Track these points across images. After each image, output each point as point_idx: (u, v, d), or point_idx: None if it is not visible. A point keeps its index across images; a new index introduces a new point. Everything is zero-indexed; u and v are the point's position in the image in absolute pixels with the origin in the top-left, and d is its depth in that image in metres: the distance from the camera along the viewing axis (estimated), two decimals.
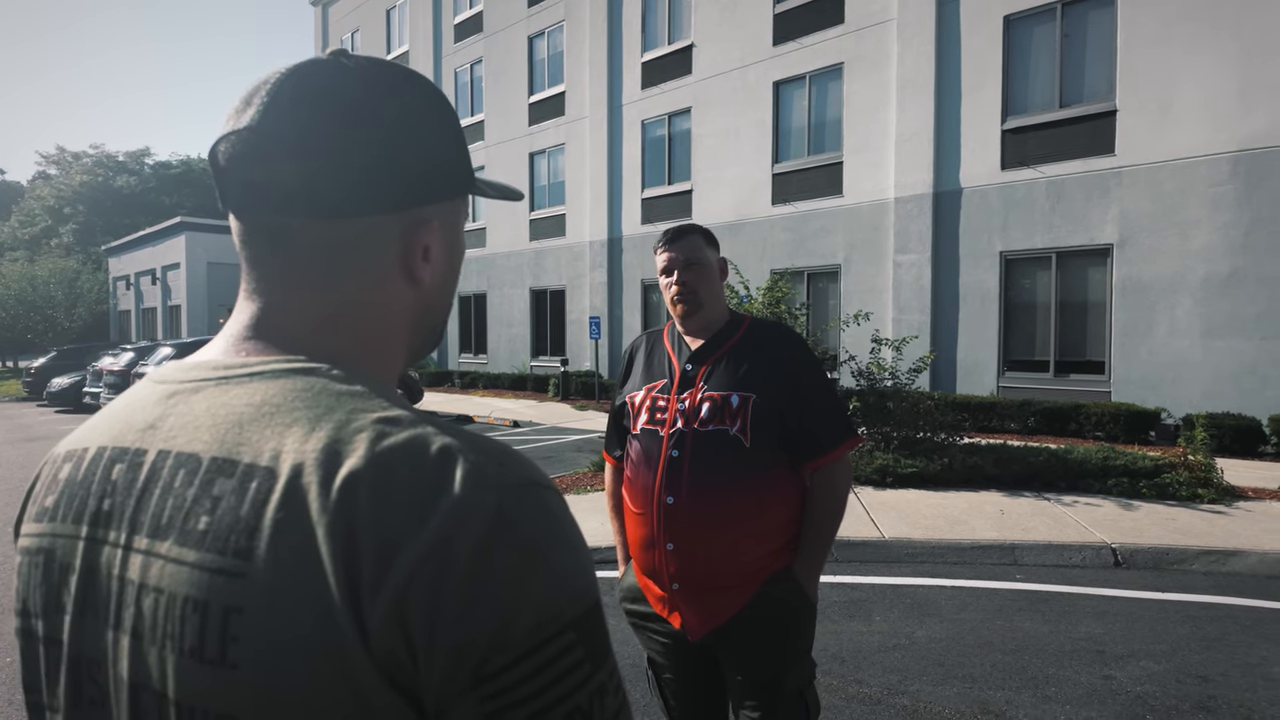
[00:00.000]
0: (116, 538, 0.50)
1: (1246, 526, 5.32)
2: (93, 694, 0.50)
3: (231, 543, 0.45)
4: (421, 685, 0.43)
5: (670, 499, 1.70)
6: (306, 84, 0.55)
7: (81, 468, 0.55)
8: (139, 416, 0.54)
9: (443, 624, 0.42)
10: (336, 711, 0.43)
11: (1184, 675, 3.36)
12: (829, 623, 3.96)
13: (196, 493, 0.48)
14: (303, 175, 0.54)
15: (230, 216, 0.58)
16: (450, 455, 0.46)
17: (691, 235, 1.85)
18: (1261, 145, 8.80)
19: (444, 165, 0.60)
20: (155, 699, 0.46)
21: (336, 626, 0.42)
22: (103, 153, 46.44)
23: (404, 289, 0.59)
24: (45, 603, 0.53)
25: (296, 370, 0.52)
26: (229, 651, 0.44)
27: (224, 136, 0.55)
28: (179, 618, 0.45)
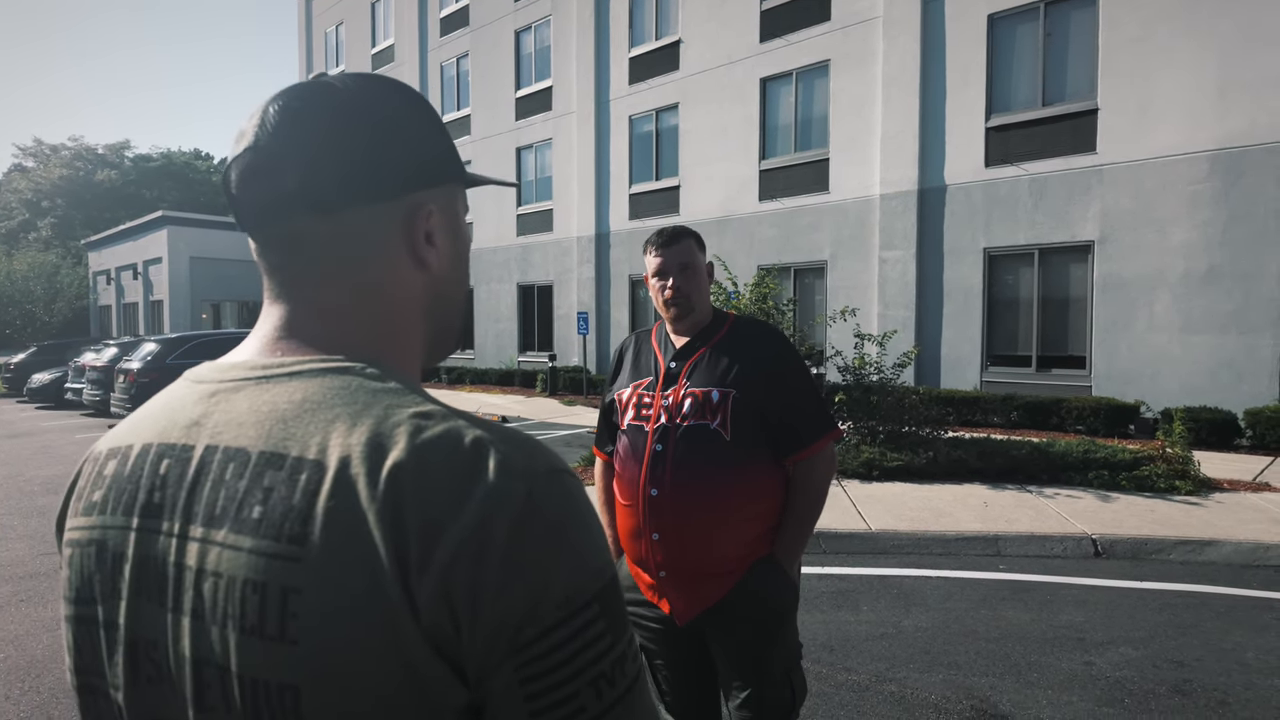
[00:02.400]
0: (169, 528, 0.54)
1: (1222, 517, 5.46)
2: (149, 672, 0.54)
3: (286, 529, 0.49)
4: (465, 655, 0.48)
5: (654, 491, 1.76)
6: (294, 100, 0.60)
7: (128, 464, 0.58)
8: (182, 415, 0.58)
9: (484, 600, 0.47)
10: (389, 680, 0.47)
11: (1161, 661, 3.46)
12: (818, 612, 4.04)
13: (248, 484, 0.52)
14: (300, 177, 0.58)
15: (248, 236, 0.63)
16: (483, 446, 0.51)
17: (684, 239, 1.90)
18: (1238, 144, 8.97)
19: (432, 156, 0.64)
20: (218, 673, 0.50)
21: (389, 602, 0.47)
22: (82, 145, 45.74)
23: (413, 274, 0.63)
24: (100, 590, 0.57)
25: (332, 369, 0.56)
26: (288, 627, 0.48)
27: (231, 163, 0.61)
28: (239, 599, 0.49)
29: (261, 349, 0.60)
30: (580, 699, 0.48)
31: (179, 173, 46.23)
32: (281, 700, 0.48)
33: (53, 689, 3.35)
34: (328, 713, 0.48)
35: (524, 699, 0.47)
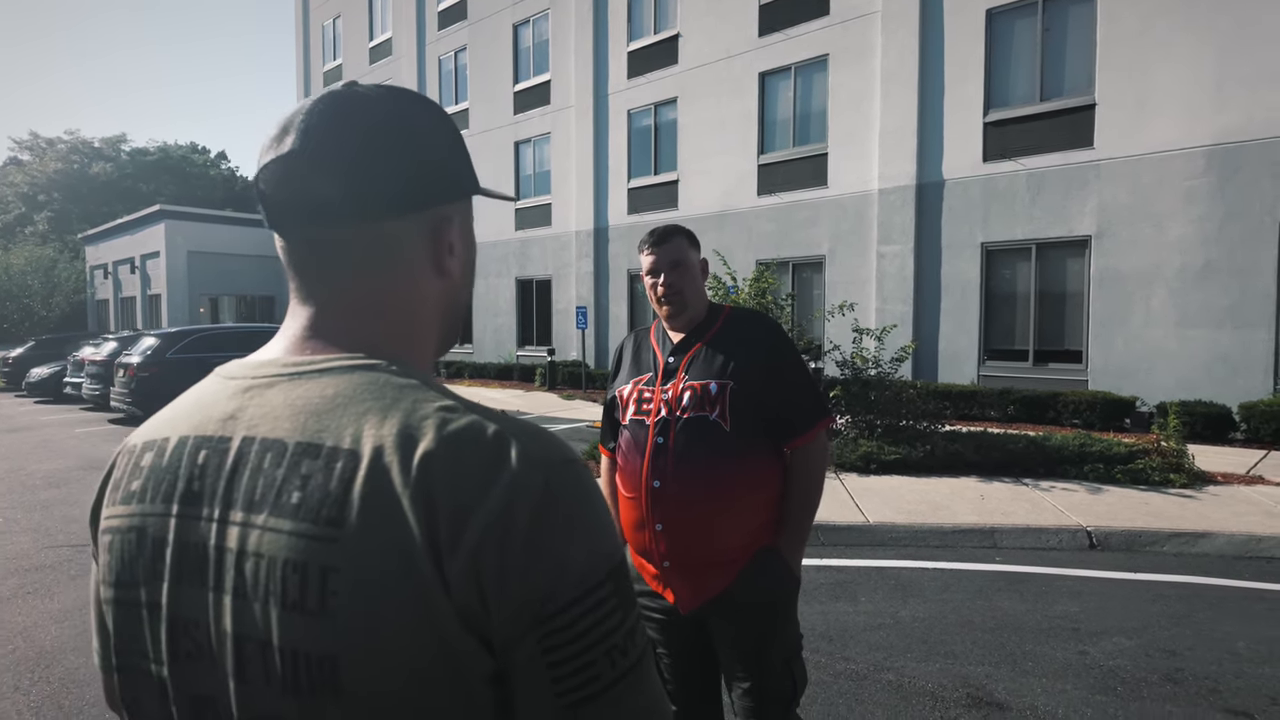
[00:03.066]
0: (209, 513, 0.58)
1: (1215, 510, 5.52)
2: (189, 648, 0.58)
3: (324, 513, 0.53)
4: (492, 628, 0.52)
5: (657, 483, 1.80)
6: (332, 111, 0.64)
7: (165, 455, 0.62)
8: (216, 409, 0.62)
9: (509, 580, 0.51)
10: (423, 651, 0.52)
11: (1153, 650, 3.52)
12: (816, 604, 4.09)
13: (286, 472, 0.56)
14: (340, 187, 0.62)
15: (275, 235, 0.67)
16: (504, 438, 0.56)
17: (675, 238, 1.94)
18: (1235, 139, 9.02)
19: (454, 170, 0.69)
20: (259, 647, 0.54)
21: (423, 579, 0.51)
22: (78, 139, 45.54)
23: (434, 281, 0.68)
24: (142, 573, 0.60)
25: (359, 366, 0.60)
26: (328, 603, 0.52)
27: (266, 164, 0.64)
28: (280, 577, 0.53)
29: (291, 347, 0.64)
30: (596, 667, 0.52)
31: (176, 167, 46.07)
32: (321, 670, 0.52)
33: (62, 679, 3.39)
34: (365, 681, 0.51)
35: (547, 667, 0.52)
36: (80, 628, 3.97)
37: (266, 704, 0.54)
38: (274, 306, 27.57)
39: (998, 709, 3.01)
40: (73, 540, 5.62)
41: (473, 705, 0.53)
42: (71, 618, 4.10)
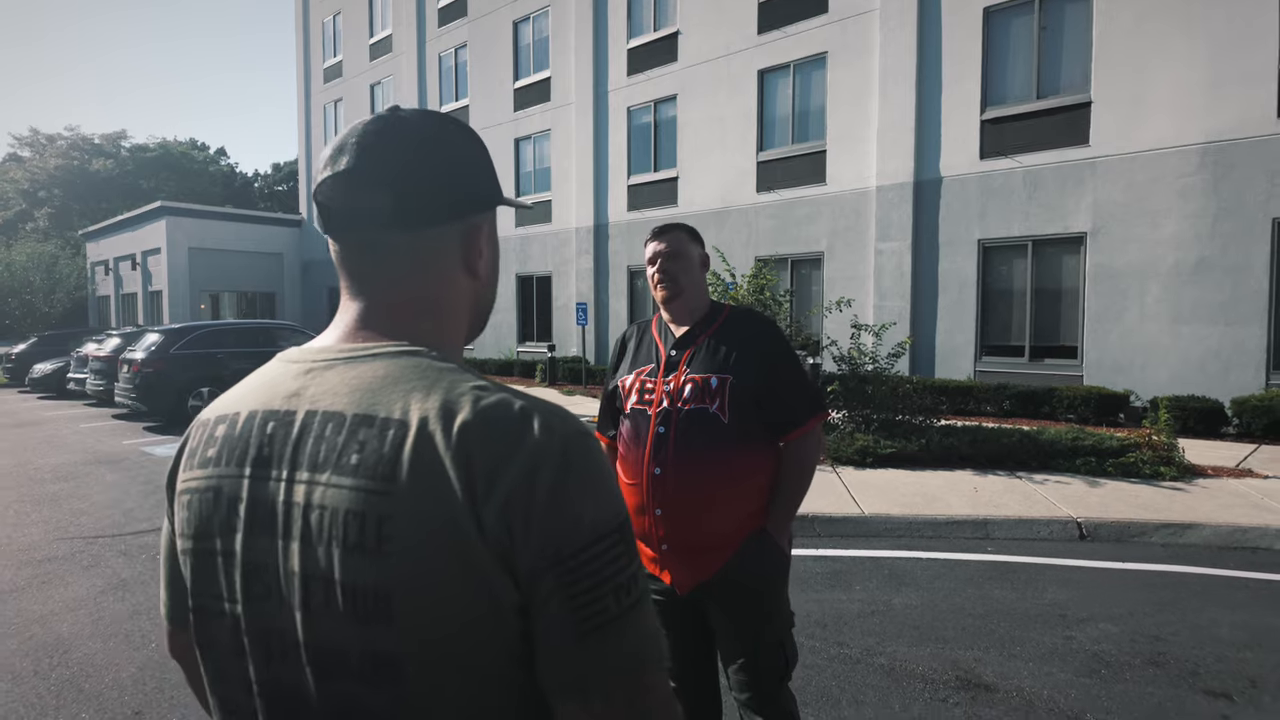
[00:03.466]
0: (278, 474, 0.68)
1: (1203, 502, 5.63)
2: (259, 590, 0.68)
3: (379, 471, 0.64)
4: (518, 566, 0.62)
5: (658, 470, 1.91)
6: (382, 133, 0.75)
7: (237, 426, 0.73)
8: (281, 387, 0.73)
9: (533, 526, 0.62)
10: (462, 585, 0.62)
11: (1138, 635, 3.64)
12: (812, 592, 4.21)
13: (345, 439, 0.66)
14: (388, 199, 0.73)
15: (329, 240, 0.78)
16: (529, 412, 0.66)
17: (676, 231, 2.06)
18: (1228, 137, 9.11)
19: (484, 183, 0.80)
20: (323, 583, 0.64)
21: (462, 524, 0.62)
22: (78, 135, 45.55)
23: (466, 281, 0.80)
24: (218, 526, 0.71)
25: (405, 352, 0.72)
26: (383, 545, 0.62)
27: (324, 180, 0.75)
28: (342, 524, 0.63)
29: (344, 336, 0.75)
30: (605, 601, 0.63)
31: (176, 163, 46.10)
32: (377, 600, 0.62)
33: (81, 664, 3.50)
34: (413, 609, 0.62)
35: (564, 599, 0.62)
36: (96, 616, 4.08)
37: (329, 630, 0.64)
38: (274, 303, 27.63)
39: (985, 690, 3.12)
40: (84, 533, 5.73)
41: (502, 630, 0.63)
42: (87, 606, 4.21)
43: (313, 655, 0.65)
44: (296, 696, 0.67)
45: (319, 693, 0.66)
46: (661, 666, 0.67)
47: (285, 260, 27.63)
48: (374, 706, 0.64)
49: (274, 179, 50.95)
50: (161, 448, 9.60)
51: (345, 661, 0.64)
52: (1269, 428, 8.21)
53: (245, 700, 0.71)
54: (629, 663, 0.64)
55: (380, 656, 0.63)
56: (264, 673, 0.69)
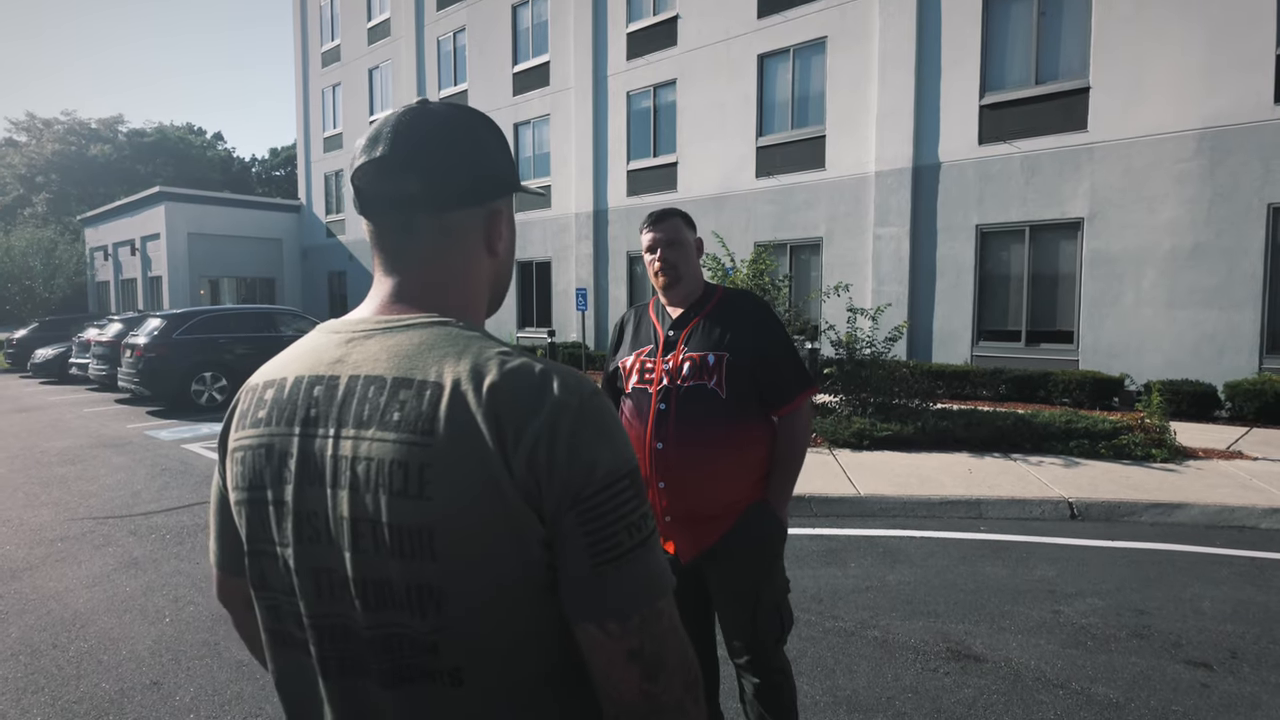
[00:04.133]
0: (325, 432, 0.77)
1: (1193, 482, 5.74)
2: (310, 534, 0.77)
3: (419, 426, 0.72)
4: (543, 503, 0.71)
5: (660, 445, 2.00)
6: (413, 124, 0.83)
7: (285, 390, 0.81)
8: (325, 355, 0.81)
9: (555, 470, 0.71)
10: (495, 523, 0.71)
11: (1124, 609, 3.75)
12: (808, 568, 4.32)
13: (387, 399, 0.75)
14: (421, 184, 0.82)
15: (364, 220, 0.86)
16: (548, 373, 0.75)
17: (673, 218, 2.14)
18: (1225, 123, 9.15)
19: (505, 170, 0.88)
20: (370, 525, 0.73)
21: (494, 470, 0.70)
22: (75, 120, 45.35)
23: (487, 260, 0.89)
24: (270, 478, 0.79)
25: (437, 323, 0.80)
26: (425, 489, 0.70)
27: (362, 165, 0.83)
28: (388, 473, 0.72)
29: (380, 308, 0.84)
30: (619, 536, 0.72)
31: (174, 148, 45.93)
32: (420, 538, 0.71)
33: (99, 637, 3.61)
34: (453, 544, 0.71)
35: (583, 535, 0.71)
36: (110, 593, 4.18)
37: (376, 567, 0.73)
38: (274, 288, 27.65)
39: (975, 661, 3.23)
40: (94, 513, 5.83)
41: (530, 562, 0.73)
42: (101, 584, 4.32)
43: (360, 589, 0.74)
44: (346, 627, 0.76)
45: (367, 622, 0.74)
46: (669, 594, 0.75)
47: (284, 246, 27.62)
48: (417, 633, 0.73)
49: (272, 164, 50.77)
50: (165, 432, 9.70)
51: (391, 593, 0.72)
52: (1261, 411, 8.32)
53: (297, 633, 0.80)
54: (639, 590, 0.72)
55: (423, 588, 0.71)
56: (315, 607, 0.77)
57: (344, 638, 0.76)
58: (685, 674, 0.75)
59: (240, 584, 0.91)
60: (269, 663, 0.86)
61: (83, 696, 3.06)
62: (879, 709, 2.86)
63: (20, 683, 3.19)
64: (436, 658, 0.73)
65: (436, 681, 0.73)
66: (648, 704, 0.73)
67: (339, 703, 0.78)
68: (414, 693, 0.74)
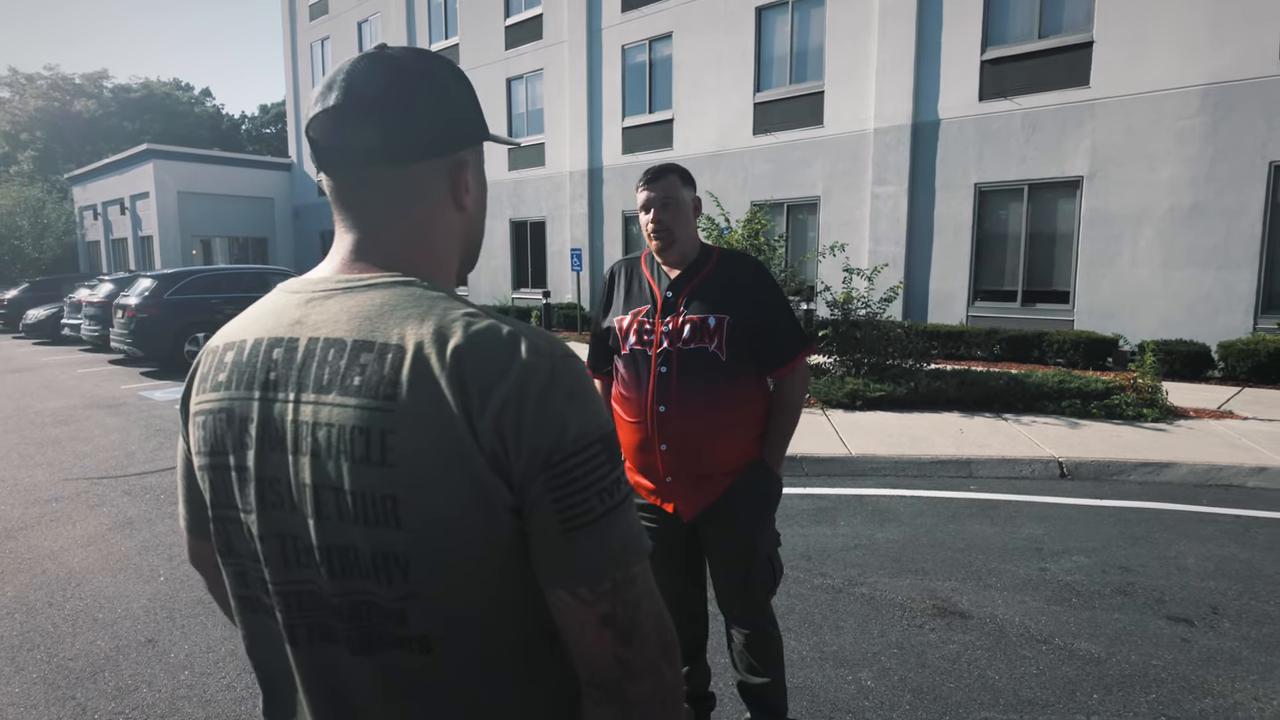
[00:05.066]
0: (285, 396, 0.74)
1: (1182, 442, 5.78)
2: (273, 499, 0.74)
3: (380, 390, 0.69)
4: (511, 470, 0.69)
5: (662, 408, 1.99)
6: (370, 70, 0.77)
7: (245, 353, 0.78)
8: (285, 316, 0.78)
9: (523, 435, 0.68)
10: (460, 490, 0.68)
11: (1109, 566, 3.79)
12: (798, 527, 4.35)
13: (347, 363, 0.71)
14: (378, 135, 0.76)
15: (323, 175, 0.82)
16: (516, 335, 0.72)
17: (669, 175, 2.06)
18: (1229, 79, 8.99)
19: (471, 119, 0.83)
20: (333, 493, 0.70)
21: (459, 435, 0.68)
22: (58, 75, 44.29)
23: (454, 215, 0.83)
24: (231, 444, 0.77)
25: (400, 282, 0.76)
26: (388, 456, 0.68)
27: (316, 115, 0.78)
28: (349, 439, 0.69)
29: (340, 267, 0.80)
30: (589, 503, 0.70)
31: (160, 104, 45.00)
32: (384, 505, 0.69)
33: (94, 596, 3.64)
34: (417, 511, 0.69)
35: (552, 500, 0.69)
36: (105, 552, 4.21)
37: (340, 533, 0.71)
38: (266, 248, 27.38)
39: (960, 618, 3.27)
40: (88, 474, 5.85)
41: (498, 529, 0.70)
42: (96, 543, 4.34)
43: (325, 556, 0.72)
44: (313, 594, 0.74)
45: (333, 590, 0.73)
46: (643, 561, 0.73)
47: (276, 205, 27.27)
48: (384, 600, 0.71)
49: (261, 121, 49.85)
50: (159, 392, 9.68)
51: (357, 560, 0.71)
52: (1253, 370, 8.34)
53: (265, 599, 0.79)
54: (612, 556, 0.71)
55: (388, 555, 0.69)
56: (281, 574, 0.76)
57: (312, 605, 0.75)
58: (660, 637, 0.74)
59: (209, 547, 0.89)
60: (240, 628, 0.85)
61: (78, 653, 3.10)
62: (864, 664, 2.91)
63: (16, 640, 3.22)
64: (404, 625, 0.71)
65: (405, 649, 0.72)
66: (622, 669, 0.72)
67: (308, 670, 0.77)
68: (383, 660, 0.73)
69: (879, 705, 2.64)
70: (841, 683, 2.79)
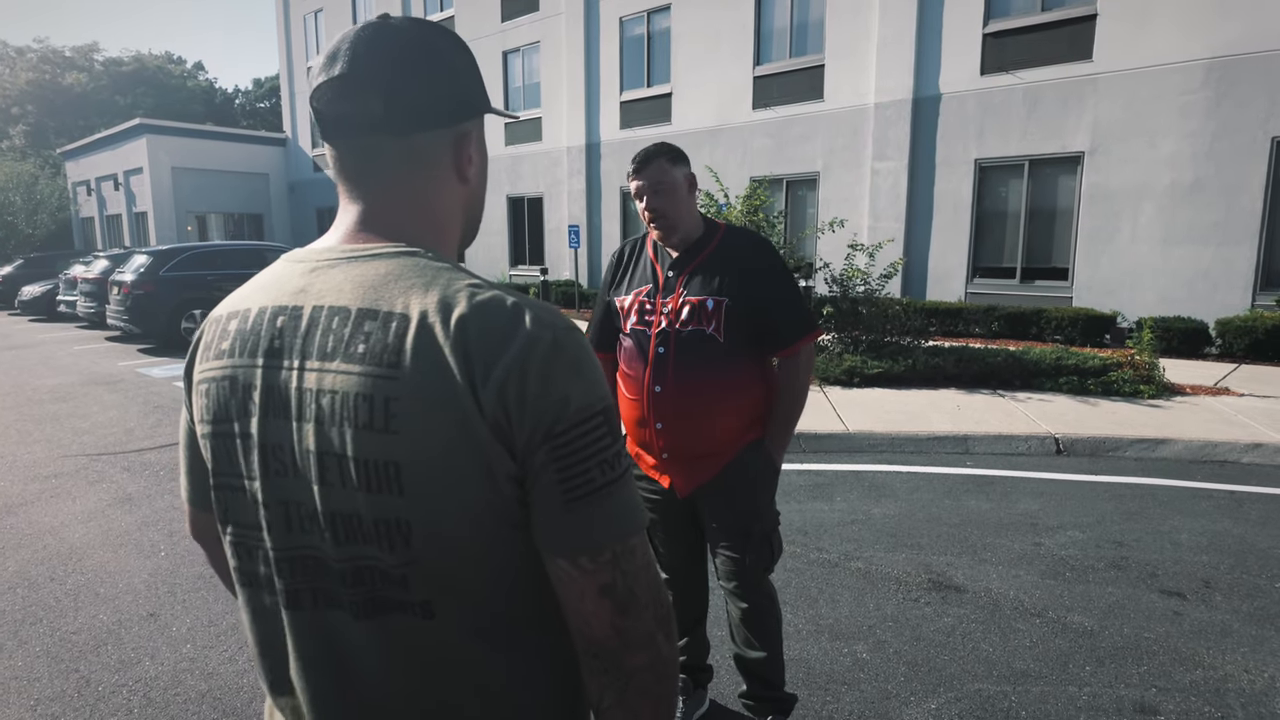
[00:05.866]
0: (289, 364, 0.74)
1: (1178, 418, 5.80)
2: (277, 467, 0.75)
3: (385, 358, 0.69)
4: (514, 439, 0.69)
5: (658, 388, 2.00)
6: (373, 40, 0.77)
7: (249, 321, 0.78)
8: (289, 285, 0.78)
9: (526, 406, 0.68)
10: (463, 458, 0.69)
11: (1103, 541, 3.82)
12: (795, 502, 4.38)
13: (351, 331, 0.72)
14: (381, 104, 0.76)
15: (326, 145, 0.82)
16: (520, 306, 0.72)
17: (656, 160, 2.01)
18: (1234, 53, 8.90)
19: (473, 90, 0.83)
20: (337, 459, 0.71)
21: (463, 404, 0.68)
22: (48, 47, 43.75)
23: (457, 186, 0.84)
24: (235, 411, 0.77)
25: (404, 253, 0.77)
26: (391, 423, 0.68)
27: (320, 85, 0.78)
28: (353, 406, 0.70)
29: (345, 237, 0.80)
30: (590, 473, 0.70)
31: (152, 78, 44.47)
32: (387, 472, 0.69)
33: (95, 570, 3.66)
34: (420, 478, 0.69)
35: (555, 470, 0.70)
36: (105, 527, 4.23)
37: (344, 500, 0.71)
38: (262, 224, 27.19)
39: (955, 591, 3.31)
40: (87, 450, 5.86)
41: (499, 498, 0.71)
42: (96, 519, 4.36)
43: (330, 522, 0.73)
44: (317, 559, 0.75)
45: (337, 555, 0.73)
46: (642, 532, 0.74)
47: (271, 181, 27.03)
48: (387, 566, 0.72)
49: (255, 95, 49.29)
50: (157, 369, 9.67)
51: (360, 527, 0.71)
52: (1250, 347, 8.35)
53: (263, 571, 0.79)
54: (611, 527, 0.71)
55: (391, 522, 0.70)
56: (285, 540, 0.76)
57: (315, 570, 0.76)
58: (657, 609, 0.75)
59: (211, 520, 0.90)
60: (239, 598, 0.85)
61: (81, 627, 3.12)
62: (860, 637, 2.94)
63: (19, 614, 3.25)
64: (407, 590, 0.72)
65: (409, 613, 0.73)
66: (619, 638, 0.73)
67: (310, 635, 0.78)
68: (386, 624, 0.74)
69: (874, 677, 2.68)
70: (837, 655, 2.82)
